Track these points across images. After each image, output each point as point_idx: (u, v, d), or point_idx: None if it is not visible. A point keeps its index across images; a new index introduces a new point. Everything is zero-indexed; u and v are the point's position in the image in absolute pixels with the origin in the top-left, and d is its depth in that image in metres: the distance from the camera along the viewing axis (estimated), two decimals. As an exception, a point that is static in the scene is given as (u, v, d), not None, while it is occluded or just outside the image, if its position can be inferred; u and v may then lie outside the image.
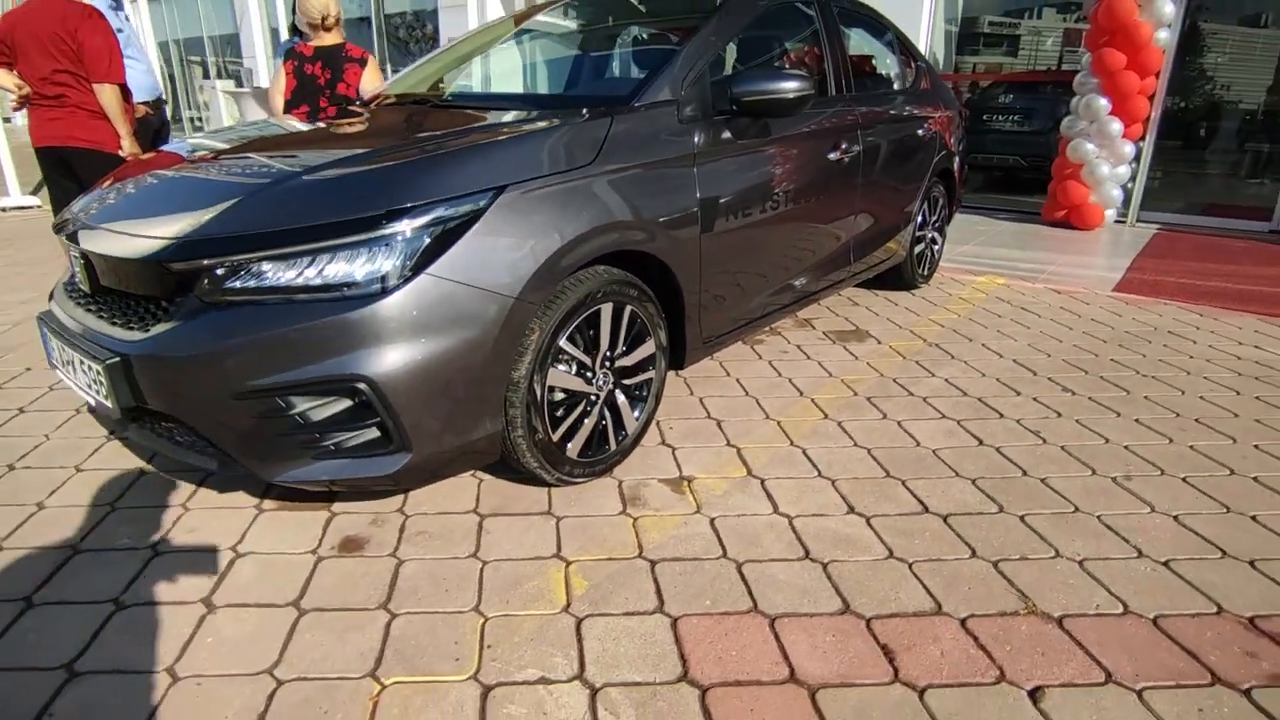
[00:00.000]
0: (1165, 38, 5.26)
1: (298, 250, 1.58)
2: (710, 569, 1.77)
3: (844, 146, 2.94)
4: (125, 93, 3.42)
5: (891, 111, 3.39)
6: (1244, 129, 7.36)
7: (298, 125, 2.55)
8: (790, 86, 2.26)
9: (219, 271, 1.60)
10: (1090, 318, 3.72)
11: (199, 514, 1.99)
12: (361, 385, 1.58)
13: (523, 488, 2.10)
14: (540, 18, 3.07)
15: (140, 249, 1.66)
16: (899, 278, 3.98)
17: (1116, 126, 5.42)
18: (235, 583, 1.72)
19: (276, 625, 1.58)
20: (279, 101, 3.57)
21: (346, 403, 1.65)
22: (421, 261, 1.61)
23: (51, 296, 2.13)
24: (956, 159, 4.13)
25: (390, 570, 1.76)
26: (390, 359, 1.59)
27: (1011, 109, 7.48)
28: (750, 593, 1.69)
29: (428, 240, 1.62)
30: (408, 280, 1.59)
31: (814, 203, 2.80)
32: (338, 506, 2.02)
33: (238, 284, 1.60)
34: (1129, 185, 5.84)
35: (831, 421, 2.55)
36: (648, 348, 2.18)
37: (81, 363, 1.75)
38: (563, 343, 1.91)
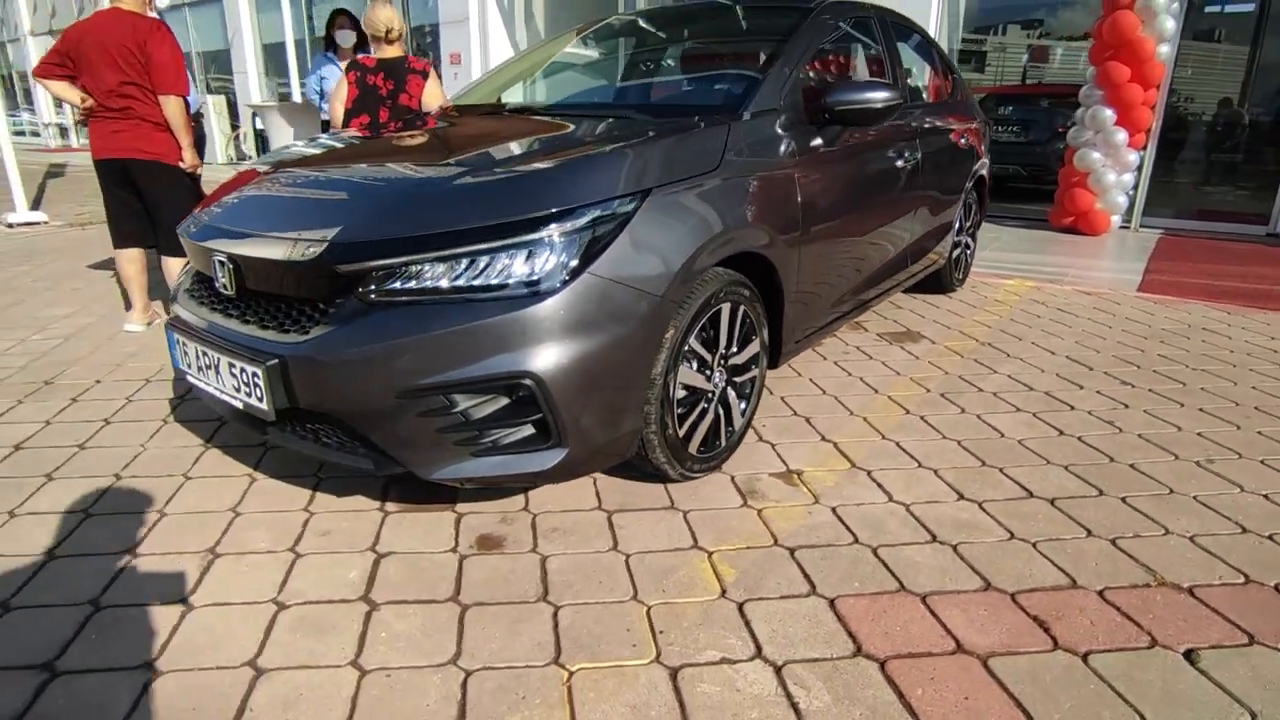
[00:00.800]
0: (1166, 52, 5.50)
1: (464, 251, 1.63)
2: (847, 554, 1.84)
3: (906, 155, 3.05)
4: (185, 105, 3.43)
5: (939, 122, 3.52)
6: (1236, 136, 7.66)
7: (405, 133, 2.58)
8: (881, 96, 2.36)
9: (383, 273, 1.64)
10: (1125, 316, 3.87)
11: (325, 518, 2.01)
12: (527, 382, 1.63)
13: (640, 485, 2.15)
14: (610, 28, 3.16)
15: (302, 253, 1.69)
16: (937, 281, 4.10)
17: (1121, 136, 5.64)
18: (388, 581, 1.74)
19: (443, 620, 1.61)
20: (340, 111, 3.61)
21: (505, 400, 1.69)
22: (583, 261, 1.66)
23: (173, 300, 2.14)
24: (986, 167, 4.28)
25: (537, 565, 1.80)
26: (554, 356, 1.63)
27: (1011, 120, 7.73)
28: (893, 574, 1.75)
29: (588, 240, 1.68)
30: (571, 279, 1.64)
31: (884, 208, 2.90)
32: (462, 507, 2.05)
33: (402, 285, 1.64)
34: (1132, 192, 6.06)
35: (914, 417, 2.64)
36: (754, 346, 2.25)
37: (233, 366, 1.78)
38: (692, 341, 1.97)
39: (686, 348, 1.95)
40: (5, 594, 1.69)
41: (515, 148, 2.07)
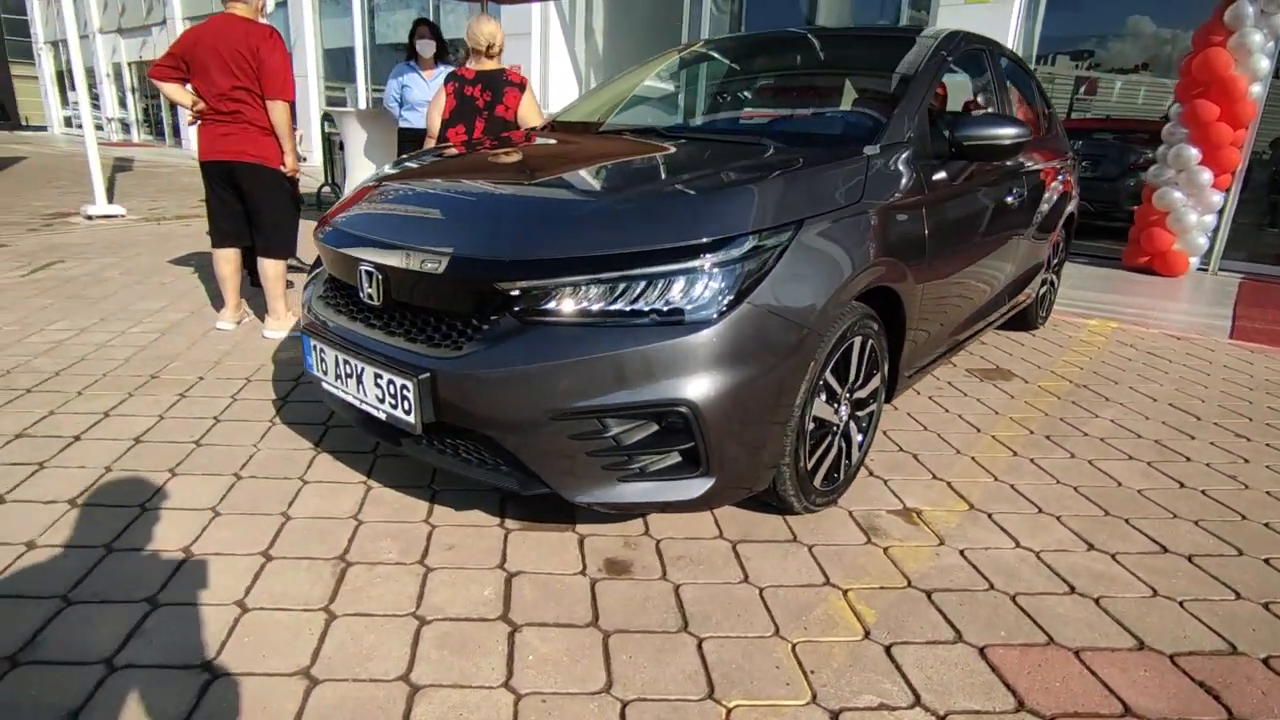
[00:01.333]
0: (1258, 92, 5.40)
1: (624, 275, 1.63)
2: (986, 600, 1.79)
3: (1014, 190, 3.02)
4: (290, 111, 3.51)
5: (1039, 157, 3.48)
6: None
7: (530, 149, 2.60)
8: (1010, 133, 2.33)
9: (540, 292, 1.65)
10: (1222, 364, 3.77)
11: (448, 531, 2.01)
12: (683, 409, 1.62)
13: (757, 515, 2.13)
14: (712, 52, 3.17)
15: (460, 269, 1.70)
16: (1023, 318, 4.04)
17: (1206, 176, 5.53)
18: (524, 601, 1.73)
19: (587, 645, 1.60)
20: (437, 121, 3.68)
21: (655, 426, 1.68)
22: (741, 290, 1.66)
23: (306, 308, 2.17)
24: (1076, 203, 4.22)
25: (671, 594, 1.78)
26: (709, 385, 1.62)
27: (1079, 155, 7.60)
28: (1039, 625, 1.71)
29: (747, 269, 1.67)
30: (730, 308, 1.64)
31: (994, 244, 2.87)
32: (582, 528, 2.05)
33: (558, 306, 1.65)
34: (1213, 234, 5.93)
35: (1023, 459, 2.58)
36: (875, 380, 2.23)
37: (379, 377, 1.79)
38: (826, 374, 1.95)
39: (820, 381, 1.93)
40: (150, 591, 1.71)
41: (662, 172, 2.08)
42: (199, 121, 3.43)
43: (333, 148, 7.81)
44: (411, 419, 1.74)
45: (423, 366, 1.71)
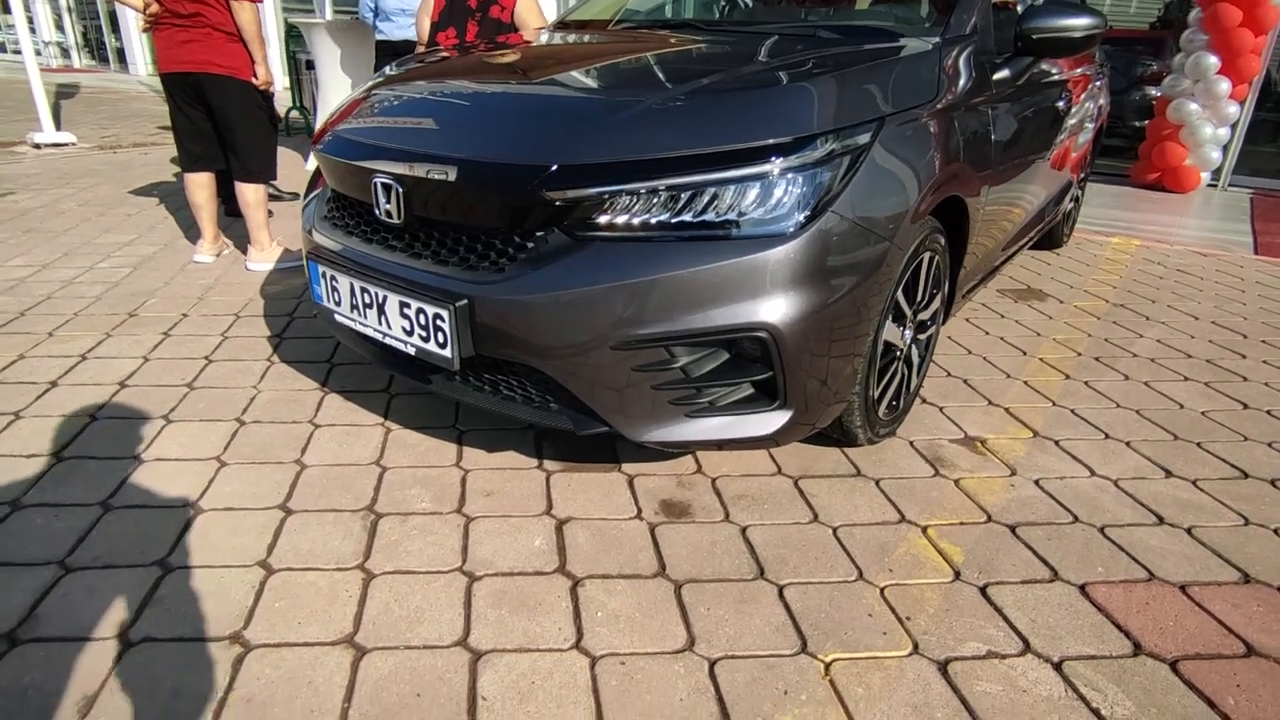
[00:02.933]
0: (1282, -5, 5.14)
1: (690, 182, 1.41)
2: (1075, 535, 1.67)
3: (1062, 95, 2.79)
4: (258, 14, 3.12)
5: (1080, 67, 3.24)
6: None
7: (560, 46, 2.29)
8: (1083, 23, 2.09)
9: (594, 204, 1.43)
10: (1255, 280, 3.66)
11: (483, 475, 1.83)
12: (762, 335, 1.43)
13: (813, 449, 1.97)
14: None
15: (500, 176, 1.46)
16: (1049, 236, 3.87)
17: (1224, 86, 5.32)
18: (580, 552, 1.57)
19: (659, 598, 1.45)
20: (425, 24, 3.33)
21: (726, 355, 1.49)
22: (825, 198, 1.45)
23: (308, 229, 1.92)
24: (1106, 114, 4.00)
25: (738, 537, 1.63)
26: (790, 306, 1.43)
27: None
28: (1136, 560, 1.59)
29: (828, 174, 1.46)
30: (811, 219, 1.43)
31: (1044, 151, 2.66)
32: (629, 467, 1.88)
33: (615, 219, 1.43)
34: (1224, 148, 5.76)
35: (1077, 382, 2.45)
36: (937, 300, 2.05)
37: (405, 306, 1.57)
38: (899, 295, 1.77)
39: (892, 301, 1.75)
40: (160, 553, 1.52)
41: (716, 66, 1.82)
42: (153, 27, 3.04)
43: (299, 67, 7.23)
44: (448, 353, 1.53)
45: (458, 292, 1.49)
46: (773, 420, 1.53)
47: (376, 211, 1.66)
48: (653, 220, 1.41)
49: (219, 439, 1.94)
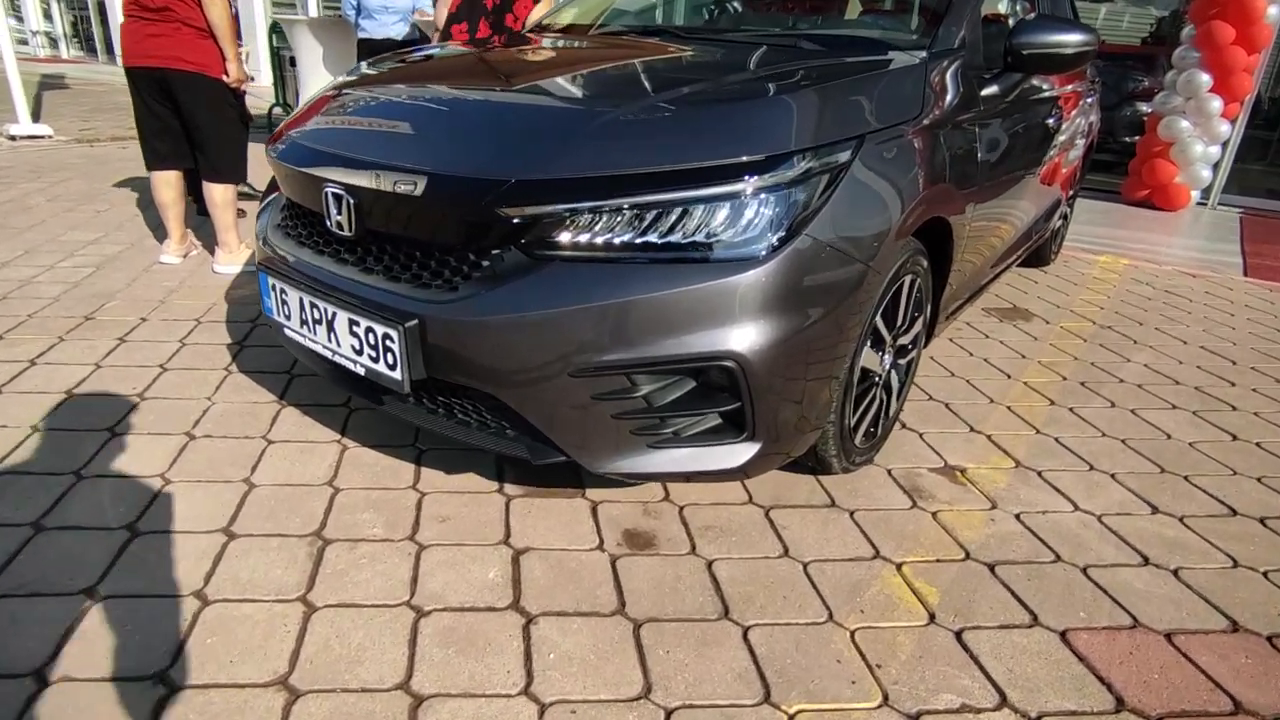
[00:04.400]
0: (1276, 14, 5.12)
1: (657, 200, 1.33)
2: (1057, 575, 1.60)
3: (1053, 111, 2.74)
4: (230, 8, 3.03)
5: (1071, 83, 3.19)
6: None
7: (527, 50, 2.20)
8: (1074, 39, 2.03)
9: (554, 221, 1.35)
10: (1244, 304, 3.62)
11: (439, 499, 1.75)
12: (729, 364, 1.35)
13: (787, 476, 1.90)
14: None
15: (455, 189, 1.38)
16: (1037, 254, 3.82)
17: (1216, 104, 5.29)
18: (536, 586, 1.49)
19: (616, 638, 1.37)
20: (443, 14, 3.31)
21: (693, 383, 1.42)
22: (800, 219, 1.37)
23: (261, 239, 1.83)
24: (1097, 131, 3.96)
25: (703, 572, 1.55)
26: (760, 333, 1.35)
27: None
28: (1119, 604, 1.52)
29: (804, 193, 1.38)
30: (785, 241, 1.35)
31: (1033, 169, 2.60)
32: (593, 493, 1.80)
33: (580, 237, 1.35)
34: (1215, 167, 5.74)
35: (1061, 409, 2.39)
36: (919, 323, 1.98)
37: (354, 324, 1.49)
38: (877, 319, 1.69)
39: (870, 326, 1.68)
40: (89, 580, 1.43)
41: (691, 76, 1.74)
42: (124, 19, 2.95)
43: (283, 64, 7.12)
44: (398, 375, 1.45)
45: (409, 311, 1.41)
46: (740, 453, 1.45)
47: (328, 223, 1.58)
48: (616, 240, 1.34)
49: (165, 455, 1.85)
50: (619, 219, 1.33)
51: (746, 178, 1.35)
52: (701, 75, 1.75)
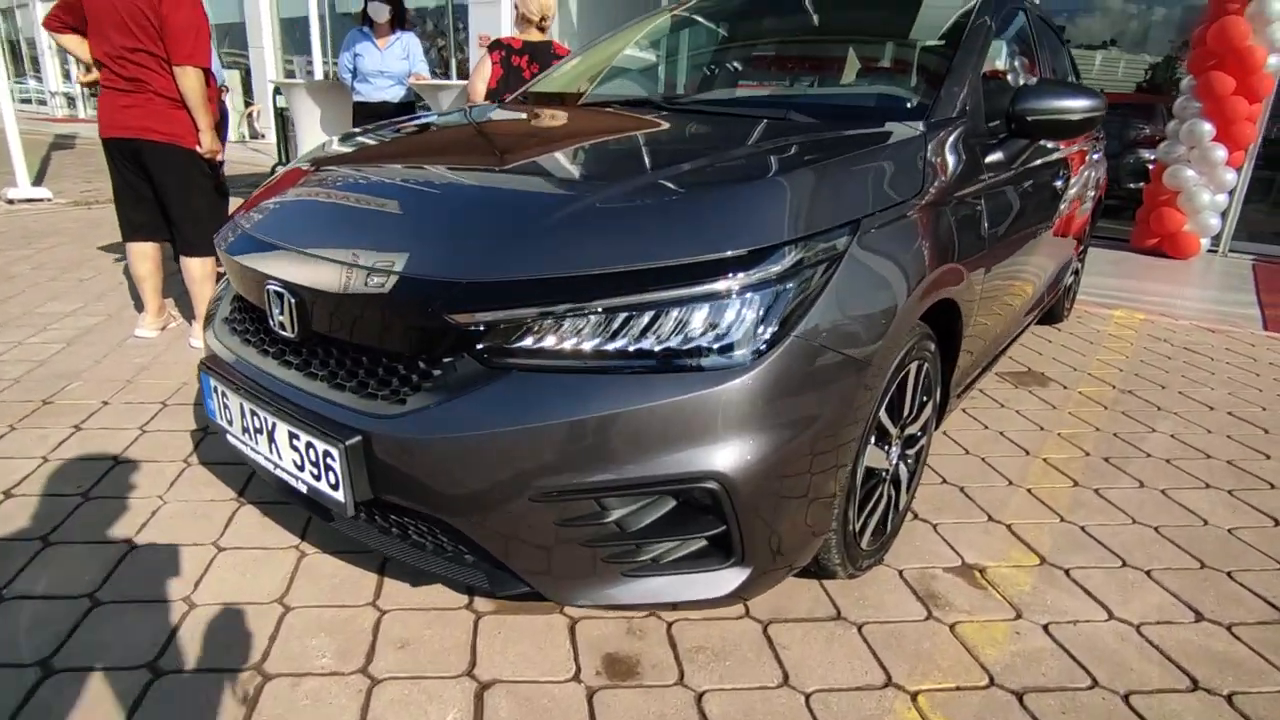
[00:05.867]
0: (1276, 64, 5.05)
1: (629, 303, 1.18)
2: (1095, 705, 1.40)
3: (1060, 174, 2.61)
4: (208, 79, 2.96)
5: (1076, 142, 3.08)
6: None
7: (502, 126, 2.09)
8: (1082, 105, 1.91)
9: (513, 327, 1.20)
10: (1268, 362, 3.44)
11: (400, 618, 1.57)
12: (712, 485, 1.19)
13: (790, 583, 1.70)
14: (716, 9, 2.70)
15: (402, 290, 1.24)
16: (1050, 312, 3.67)
17: (1220, 153, 5.20)
18: (500, 729, 1.30)
19: (586, 801, 1.18)
20: (481, 89, 3.36)
21: (672, 503, 1.25)
22: (789, 318, 1.22)
23: (207, 329, 1.69)
24: (1104, 185, 3.84)
25: (692, 707, 1.36)
26: (747, 449, 1.19)
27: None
28: (1171, 746, 1.33)
29: (793, 290, 1.23)
30: (771, 345, 1.20)
31: (1042, 233, 2.46)
32: (572, 610, 1.62)
33: (538, 345, 1.20)
34: (1224, 214, 5.62)
35: (1086, 490, 2.20)
36: (928, 409, 1.82)
37: (294, 437, 1.33)
38: (882, 414, 1.53)
39: (878, 423, 1.52)
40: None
41: (670, 158, 1.62)
42: (100, 89, 2.88)
43: (286, 124, 7.17)
44: (340, 496, 1.29)
45: (353, 426, 1.26)
46: (728, 579, 1.28)
47: (271, 322, 1.44)
48: (582, 348, 1.19)
49: (100, 569, 1.68)
50: (585, 324, 1.19)
51: (729, 275, 1.20)
52: (682, 155, 1.62)
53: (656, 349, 1.18)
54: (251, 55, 12.67)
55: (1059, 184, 2.59)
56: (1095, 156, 3.40)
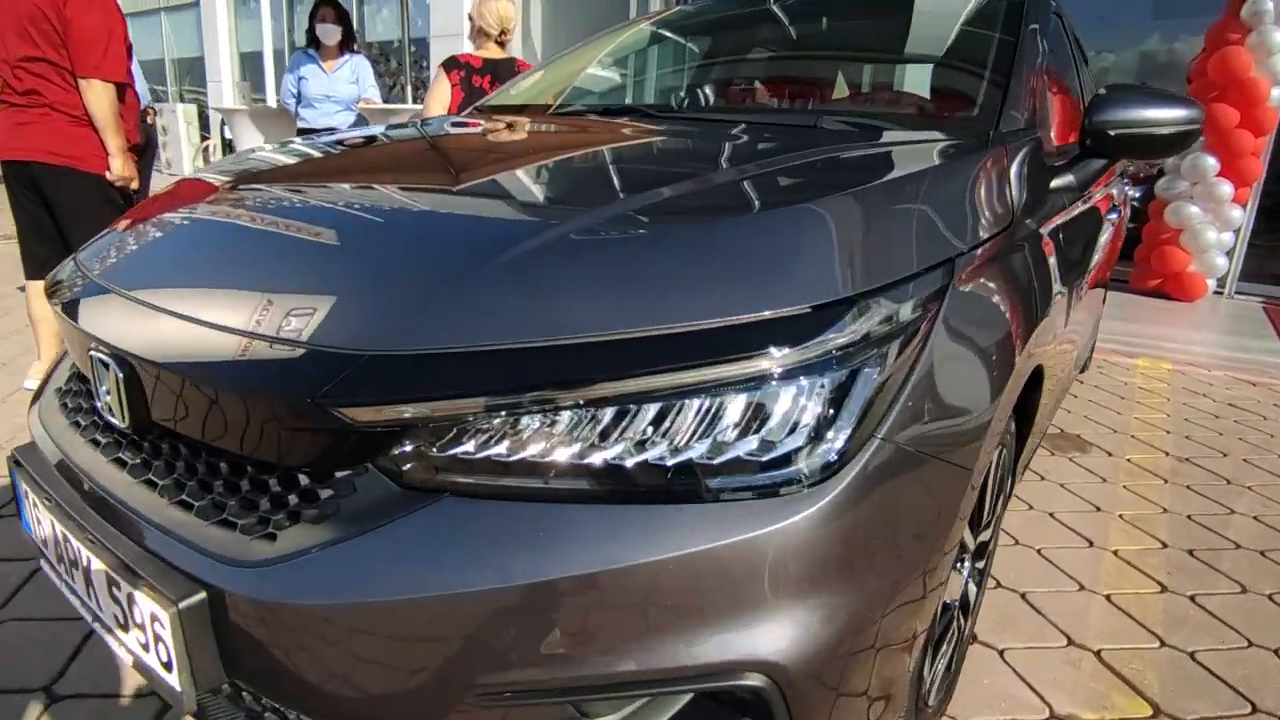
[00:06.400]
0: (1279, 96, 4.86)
1: (619, 392, 0.75)
2: None
3: (1110, 207, 2.26)
4: (123, 94, 2.52)
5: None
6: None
7: (452, 140, 1.64)
8: (1176, 116, 1.54)
9: (442, 427, 0.76)
10: (1324, 419, 3.11)
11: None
12: (757, 682, 0.74)
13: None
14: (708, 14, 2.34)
15: (273, 371, 0.80)
16: (1074, 361, 3.30)
17: (1226, 189, 4.96)
18: None
19: None
20: (437, 112, 2.89)
21: (685, 701, 0.80)
22: (872, 412, 0.79)
23: (34, 405, 1.23)
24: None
25: None
26: (814, 623, 0.75)
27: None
28: None
29: (872, 370, 0.81)
30: (851, 453, 0.77)
31: (1089, 275, 2.07)
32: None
33: (487, 455, 0.75)
34: (1230, 253, 5.38)
35: (1178, 597, 1.78)
36: (1001, 506, 1.40)
37: (114, 586, 0.87)
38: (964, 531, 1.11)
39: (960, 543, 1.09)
40: None
41: (675, 176, 1.19)
42: None
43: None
44: (173, 681, 0.82)
45: (194, 576, 0.80)
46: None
47: (97, 402, 0.98)
48: (552, 460, 0.75)
49: None
50: (555, 423, 0.75)
51: (771, 348, 0.77)
52: (687, 170, 1.21)
53: (667, 463, 0.74)
54: (209, 90, 12.22)
55: (1112, 218, 2.23)
56: (1126, 185, 3.08)
